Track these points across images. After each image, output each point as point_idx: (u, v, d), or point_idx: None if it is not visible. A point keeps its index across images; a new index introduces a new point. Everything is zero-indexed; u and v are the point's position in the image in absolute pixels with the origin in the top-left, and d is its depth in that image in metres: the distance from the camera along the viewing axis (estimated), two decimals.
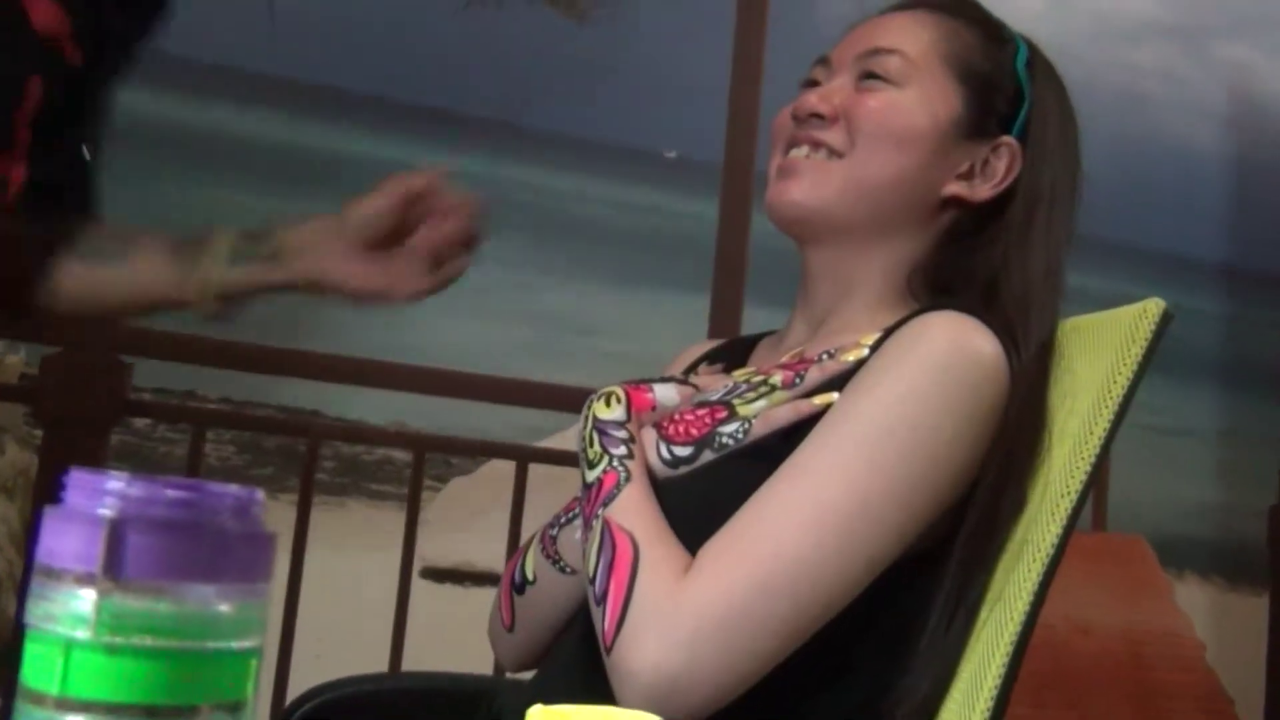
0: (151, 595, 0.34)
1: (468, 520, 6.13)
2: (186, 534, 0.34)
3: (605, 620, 0.80)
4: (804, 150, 0.98)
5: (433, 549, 6.12)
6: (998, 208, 0.98)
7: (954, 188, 0.98)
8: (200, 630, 0.34)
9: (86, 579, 0.34)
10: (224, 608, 0.34)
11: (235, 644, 0.35)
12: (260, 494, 0.35)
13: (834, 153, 0.97)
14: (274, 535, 0.36)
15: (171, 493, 0.34)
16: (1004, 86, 0.99)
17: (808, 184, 0.96)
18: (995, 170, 0.98)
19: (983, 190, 0.98)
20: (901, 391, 0.84)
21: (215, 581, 0.35)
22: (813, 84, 1.02)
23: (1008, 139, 0.99)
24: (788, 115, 1.01)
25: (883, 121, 0.96)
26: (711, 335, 2.22)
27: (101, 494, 0.34)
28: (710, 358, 1.10)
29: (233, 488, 0.35)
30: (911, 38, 0.99)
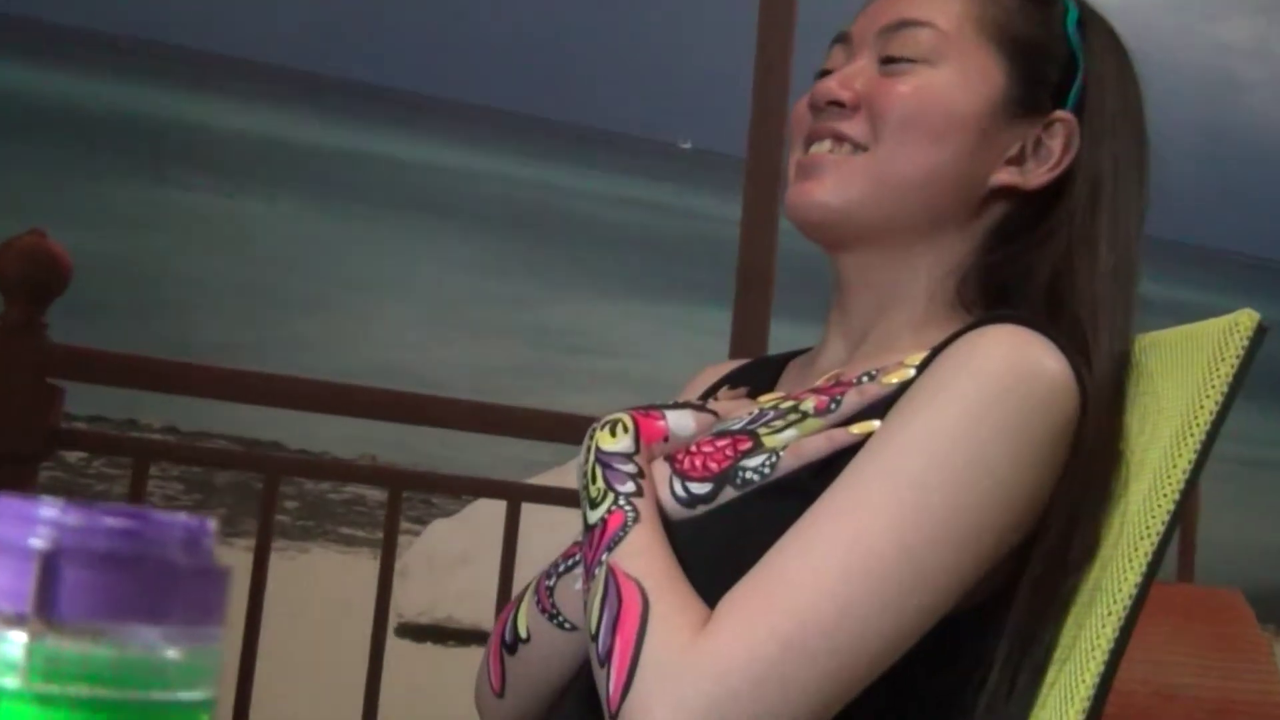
0: (90, 638, 0.34)
1: (451, 569, 6.13)
2: (130, 568, 0.34)
3: (610, 683, 0.80)
4: (826, 145, 0.98)
5: (411, 602, 6.12)
6: (1056, 195, 0.98)
7: (1004, 176, 0.98)
8: (145, 679, 0.34)
9: (16, 620, 0.34)
10: (172, 653, 0.34)
11: (184, 695, 0.35)
12: (213, 524, 0.36)
13: (858, 146, 0.97)
14: (229, 571, 0.36)
15: (112, 521, 0.35)
16: (1053, 53, 0.99)
17: (830, 183, 0.96)
18: (1050, 151, 0.98)
19: (1037, 176, 0.98)
20: (953, 418, 0.84)
21: (162, 623, 0.35)
22: (830, 71, 1.02)
23: (1062, 114, 0.98)
24: (805, 105, 1.01)
25: (914, 110, 0.95)
26: (733, 354, 2.22)
27: (33, 523, 0.34)
28: (732, 380, 1.10)
29: (182, 517, 0.35)
30: (942, 6, 0.98)
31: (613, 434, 0.92)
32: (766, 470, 0.89)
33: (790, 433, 0.91)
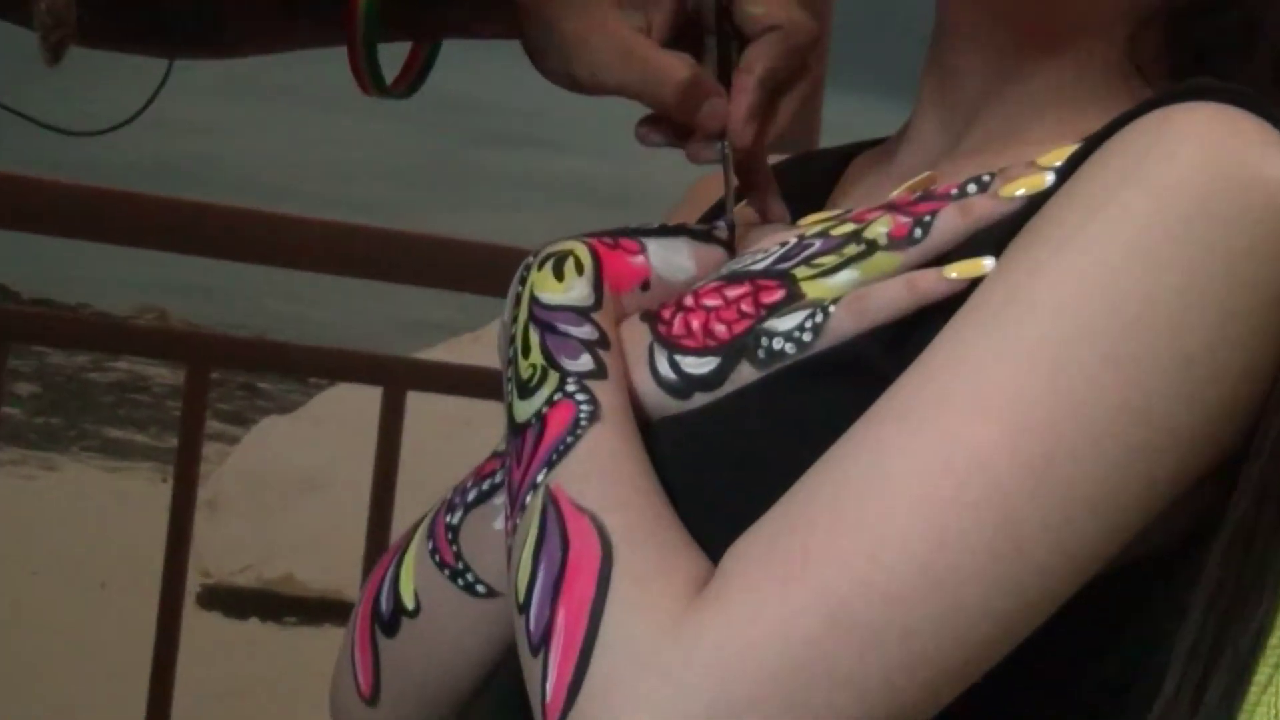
0: None
1: (290, 500, 6.16)
2: None
3: (548, 683, 0.82)
4: None
5: (224, 553, 6.15)
6: None
7: None
8: None
9: None
10: None
11: None
12: None
13: None
14: None
15: None
16: None
17: None
18: None
19: None
20: (1117, 257, 0.85)
21: None
22: None
23: None
24: None
25: None
26: None
27: None
28: None
29: None
30: None
31: (559, 276, 0.93)
32: (807, 336, 0.90)
33: (848, 275, 0.92)
